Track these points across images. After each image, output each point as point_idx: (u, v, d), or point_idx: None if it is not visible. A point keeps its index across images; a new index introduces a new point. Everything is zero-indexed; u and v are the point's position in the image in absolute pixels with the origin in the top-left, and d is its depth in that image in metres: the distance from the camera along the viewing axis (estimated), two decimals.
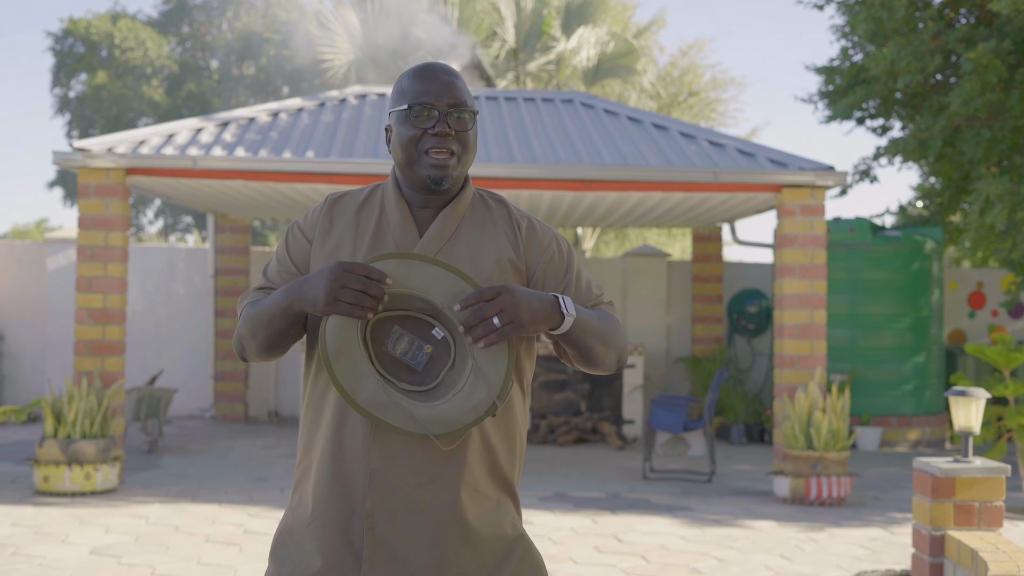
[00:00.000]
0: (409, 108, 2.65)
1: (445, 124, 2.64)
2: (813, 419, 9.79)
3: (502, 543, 2.67)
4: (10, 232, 40.70)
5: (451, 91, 2.67)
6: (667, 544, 7.86)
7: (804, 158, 10.88)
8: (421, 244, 2.66)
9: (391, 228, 2.69)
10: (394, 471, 2.56)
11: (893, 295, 13.89)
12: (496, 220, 2.79)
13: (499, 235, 2.76)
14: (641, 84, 23.01)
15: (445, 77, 2.69)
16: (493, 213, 2.80)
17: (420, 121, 2.65)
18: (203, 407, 15.41)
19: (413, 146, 2.66)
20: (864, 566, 7.24)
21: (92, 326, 10.07)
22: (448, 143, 2.65)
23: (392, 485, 2.56)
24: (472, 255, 2.70)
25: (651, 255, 15.83)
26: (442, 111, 2.65)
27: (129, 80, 33.03)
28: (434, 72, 2.69)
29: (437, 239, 2.68)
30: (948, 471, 5.44)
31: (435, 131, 2.63)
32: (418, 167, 2.66)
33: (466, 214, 2.75)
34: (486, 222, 2.77)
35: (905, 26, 13.91)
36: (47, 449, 9.31)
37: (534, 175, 10.53)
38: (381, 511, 2.56)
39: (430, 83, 2.67)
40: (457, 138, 2.66)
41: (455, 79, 2.70)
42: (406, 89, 2.69)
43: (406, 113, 2.66)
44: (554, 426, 13.52)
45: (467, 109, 2.68)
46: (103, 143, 10.34)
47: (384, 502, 2.56)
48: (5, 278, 15.29)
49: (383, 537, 2.56)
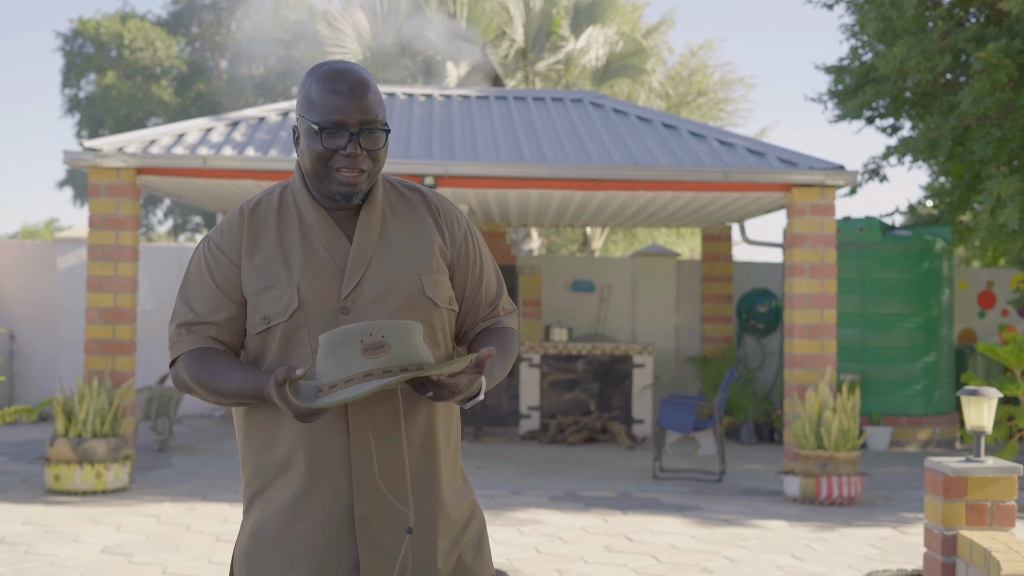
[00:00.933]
0: (320, 129, 2.55)
1: (357, 145, 2.56)
2: (823, 419, 9.78)
3: (466, 510, 2.73)
4: (20, 232, 40.80)
5: (363, 107, 2.57)
6: (678, 544, 7.85)
7: (814, 157, 10.86)
8: (354, 249, 2.60)
9: (316, 235, 2.63)
10: (374, 475, 2.55)
11: (903, 294, 13.86)
12: (416, 207, 2.75)
13: (424, 220, 2.73)
14: (650, 84, 22.98)
15: (358, 91, 2.57)
16: (411, 201, 2.75)
17: (331, 141, 2.56)
18: (213, 406, 15.43)
19: (323, 163, 2.58)
20: (875, 566, 7.23)
21: (103, 325, 10.08)
22: (359, 163, 2.58)
23: (377, 489, 2.54)
24: (410, 248, 2.67)
25: (660, 255, 15.81)
26: (353, 131, 2.56)
27: (138, 80, 33.10)
28: (347, 84, 2.58)
29: (368, 240, 2.63)
30: (960, 471, 5.43)
31: (347, 152, 2.56)
32: (328, 182, 2.60)
33: (385, 208, 2.70)
34: (407, 212, 2.73)
35: (915, 25, 13.89)
36: (58, 448, 9.34)
37: (544, 175, 10.53)
38: (371, 516, 2.55)
39: (342, 98, 2.56)
40: (369, 156, 2.59)
41: (367, 91, 2.59)
42: (316, 101, 2.58)
43: (316, 131, 2.57)
44: (564, 426, 13.52)
45: (379, 126, 2.60)
46: (113, 143, 10.36)
47: (372, 506, 2.55)
48: (16, 278, 15.32)
49: (376, 541, 2.54)
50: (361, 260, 2.60)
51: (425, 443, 2.62)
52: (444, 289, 2.68)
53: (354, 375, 2.39)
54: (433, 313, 2.64)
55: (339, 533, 2.54)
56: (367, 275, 2.59)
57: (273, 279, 2.60)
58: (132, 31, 33.46)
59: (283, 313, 2.56)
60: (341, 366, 2.40)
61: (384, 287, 2.59)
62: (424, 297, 2.62)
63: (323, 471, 2.55)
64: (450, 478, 2.69)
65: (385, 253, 2.63)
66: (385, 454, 2.55)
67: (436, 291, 2.65)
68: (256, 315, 2.60)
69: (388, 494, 2.54)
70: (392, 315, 2.58)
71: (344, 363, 2.39)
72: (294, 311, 2.55)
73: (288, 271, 2.59)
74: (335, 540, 2.54)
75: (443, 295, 2.67)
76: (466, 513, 2.73)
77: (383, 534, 2.55)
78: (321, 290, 2.57)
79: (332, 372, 2.40)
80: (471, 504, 2.76)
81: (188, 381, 2.63)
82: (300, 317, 2.56)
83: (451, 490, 2.69)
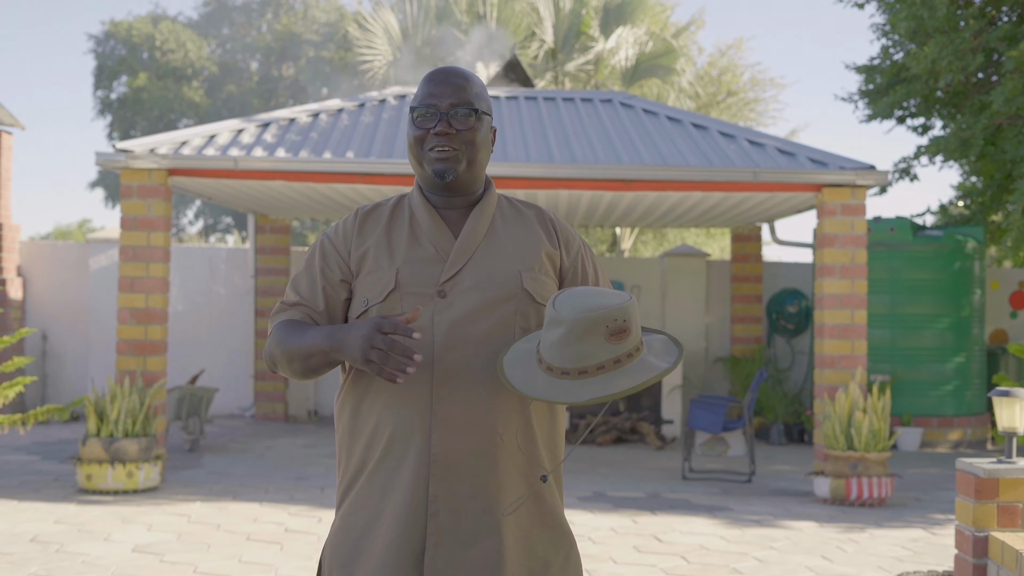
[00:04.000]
0: (413, 111, 2.73)
1: (446, 123, 2.69)
2: (854, 419, 9.74)
3: (557, 531, 2.75)
4: (53, 233, 41.04)
5: (457, 92, 2.72)
6: (707, 544, 7.84)
7: (845, 157, 10.82)
8: (459, 241, 2.70)
9: (423, 230, 2.73)
10: (455, 455, 2.60)
11: (934, 295, 13.79)
12: (529, 219, 2.84)
13: (536, 231, 2.82)
14: (680, 84, 22.94)
15: (454, 80, 2.74)
16: (524, 214, 2.85)
17: (423, 122, 2.71)
18: (243, 406, 15.50)
19: (419, 146, 2.73)
20: (906, 567, 7.20)
21: (134, 326, 10.15)
22: (450, 141, 2.69)
23: (455, 469, 2.59)
24: (516, 248, 2.75)
25: (690, 255, 15.78)
26: (444, 111, 2.70)
27: (170, 82, 33.27)
28: (444, 75, 2.76)
29: (474, 236, 2.72)
30: (992, 472, 5.40)
31: (436, 130, 2.69)
32: (424, 164, 2.72)
33: (496, 215, 2.80)
34: (520, 221, 2.83)
35: (946, 24, 13.81)
36: (90, 448, 9.40)
37: (573, 175, 10.52)
38: (445, 496, 2.59)
39: (437, 86, 2.73)
40: (460, 136, 2.71)
41: (466, 82, 2.75)
42: (416, 94, 2.77)
43: (411, 116, 2.74)
44: (593, 426, 13.50)
45: (470, 108, 2.72)
46: (145, 144, 10.42)
47: (448, 487, 2.59)
48: (48, 278, 15.43)
49: (447, 522, 2.58)
50: (464, 251, 2.70)
51: (517, 430, 2.67)
52: (545, 289, 2.74)
53: (605, 361, 2.46)
54: (530, 307, 2.71)
55: (415, 516, 2.59)
56: (469, 265, 2.69)
57: (376, 265, 2.70)
58: (163, 33, 33.65)
59: (379, 295, 2.67)
60: (589, 353, 2.46)
61: (484, 276, 2.68)
62: (523, 290, 2.70)
63: (406, 451, 2.61)
64: (548, 490, 2.74)
65: (490, 249, 2.73)
66: (469, 436, 2.61)
67: (536, 287, 2.72)
68: (358, 299, 2.71)
69: (519, 446, 2.61)
70: (488, 304, 2.66)
71: (591, 350, 2.46)
72: (389, 292, 2.66)
73: (391, 258, 2.70)
74: (410, 522, 2.59)
75: (543, 293, 2.73)
76: (560, 529, 2.77)
77: (455, 517, 2.59)
78: (420, 275, 2.67)
79: (581, 358, 2.46)
80: (566, 528, 2.80)
81: (272, 350, 2.74)
82: (395, 299, 2.66)
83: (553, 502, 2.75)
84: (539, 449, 2.71)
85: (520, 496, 2.62)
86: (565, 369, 2.46)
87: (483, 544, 2.58)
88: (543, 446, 2.72)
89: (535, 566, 2.67)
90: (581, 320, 2.43)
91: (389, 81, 21.38)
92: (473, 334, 2.61)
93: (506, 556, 2.60)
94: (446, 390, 2.59)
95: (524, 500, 2.66)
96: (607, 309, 2.43)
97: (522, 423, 2.66)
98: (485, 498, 2.60)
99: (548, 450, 2.74)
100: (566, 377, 2.46)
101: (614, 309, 2.43)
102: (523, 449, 2.66)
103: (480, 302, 2.65)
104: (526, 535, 2.66)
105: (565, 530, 2.75)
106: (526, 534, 2.66)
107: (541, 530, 2.68)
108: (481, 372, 2.60)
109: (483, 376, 2.60)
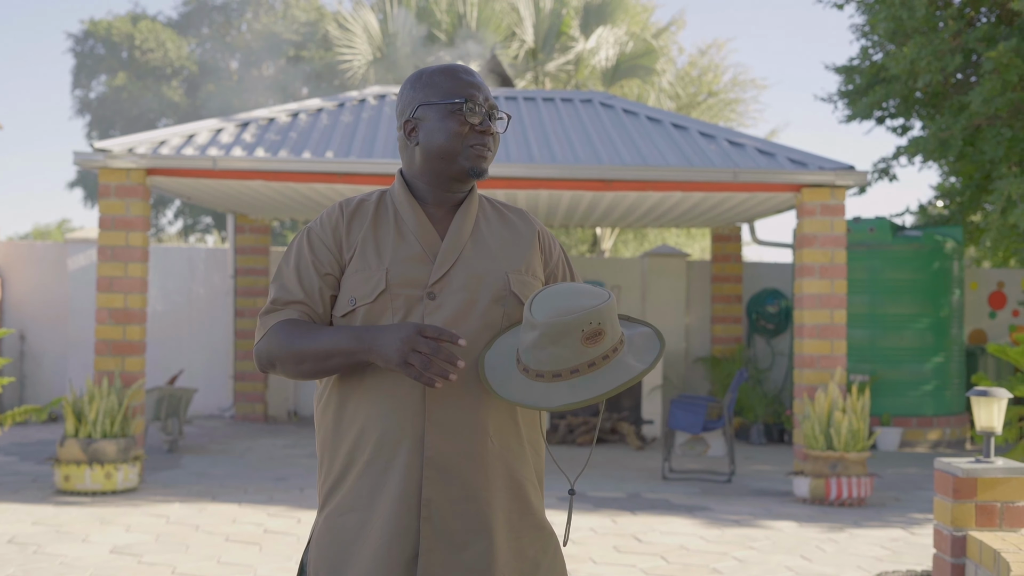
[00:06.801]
0: (464, 103, 2.70)
1: (490, 123, 2.74)
2: (833, 419, 9.76)
3: (544, 532, 2.75)
4: (31, 233, 40.88)
5: (487, 93, 2.76)
6: (687, 544, 7.84)
7: (824, 158, 10.85)
8: (447, 241, 2.69)
9: (409, 228, 2.71)
10: (448, 458, 2.59)
11: (913, 295, 13.83)
12: (512, 222, 2.86)
13: (521, 233, 2.83)
14: (660, 84, 22.96)
15: (481, 80, 2.78)
16: (507, 217, 2.87)
17: (471, 116, 2.71)
18: (223, 407, 15.46)
19: (459, 140, 2.71)
20: (885, 567, 7.22)
21: (113, 326, 10.10)
22: (490, 141, 2.74)
23: (448, 472, 2.58)
24: (502, 249, 2.76)
25: (670, 255, 15.80)
26: (486, 110, 2.74)
27: (149, 81, 33.16)
28: (472, 74, 2.77)
29: (460, 235, 2.72)
30: (970, 471, 5.41)
31: (482, 128, 2.72)
32: (461, 159, 2.71)
33: (479, 216, 2.81)
34: (503, 223, 2.84)
35: (925, 25, 13.86)
36: (68, 448, 9.35)
37: (554, 175, 10.52)
38: (438, 500, 2.57)
39: (471, 85, 2.75)
40: (495, 138, 2.77)
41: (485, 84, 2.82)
42: (447, 87, 2.73)
43: (454, 108, 2.71)
44: (573, 426, 13.50)
45: (502, 113, 2.79)
46: (123, 144, 10.38)
47: (441, 490, 2.58)
48: (26, 278, 15.36)
49: (440, 526, 2.57)
50: (452, 250, 2.69)
51: (506, 431, 2.68)
52: (531, 290, 2.74)
53: (579, 365, 2.46)
54: (517, 309, 2.71)
55: (407, 519, 2.57)
56: (457, 265, 2.68)
57: (364, 263, 2.68)
58: (143, 32, 33.53)
59: (369, 295, 2.64)
60: (563, 357, 2.46)
61: (472, 277, 2.67)
62: (510, 293, 2.70)
63: (395, 453, 2.59)
64: (535, 491, 2.76)
65: (476, 249, 2.73)
66: (461, 438, 2.60)
67: (523, 289, 2.72)
68: (344, 297, 2.68)
69: (550, 454, 2.64)
70: (478, 306, 2.66)
71: (566, 354, 2.46)
72: (380, 293, 2.63)
73: (379, 257, 2.68)
74: (401, 526, 2.57)
75: (529, 295, 2.72)
76: (543, 530, 2.78)
77: (448, 520, 2.57)
78: (409, 275, 2.65)
79: (555, 361, 2.47)
80: (548, 528, 2.81)
81: (274, 350, 2.67)
82: (385, 300, 2.64)
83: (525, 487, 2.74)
84: (525, 448, 2.71)
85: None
86: (540, 372, 2.46)
87: (475, 546, 2.57)
88: (528, 444, 2.73)
89: (525, 567, 2.66)
90: (554, 324, 2.43)
91: (369, 81, 21.35)
92: (463, 335, 2.60)
93: (497, 558, 2.59)
94: (438, 392, 2.58)
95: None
96: (580, 313, 2.43)
97: (510, 423, 2.67)
98: (476, 500, 2.59)
99: (532, 448, 2.75)
100: (540, 380, 2.47)
101: (588, 312, 2.43)
102: (511, 449, 2.66)
103: (469, 304, 2.64)
104: (516, 536, 2.65)
105: (550, 531, 2.75)
106: (516, 535, 2.65)
107: (530, 531, 2.68)
108: (471, 374, 2.60)
109: (473, 378, 2.60)
